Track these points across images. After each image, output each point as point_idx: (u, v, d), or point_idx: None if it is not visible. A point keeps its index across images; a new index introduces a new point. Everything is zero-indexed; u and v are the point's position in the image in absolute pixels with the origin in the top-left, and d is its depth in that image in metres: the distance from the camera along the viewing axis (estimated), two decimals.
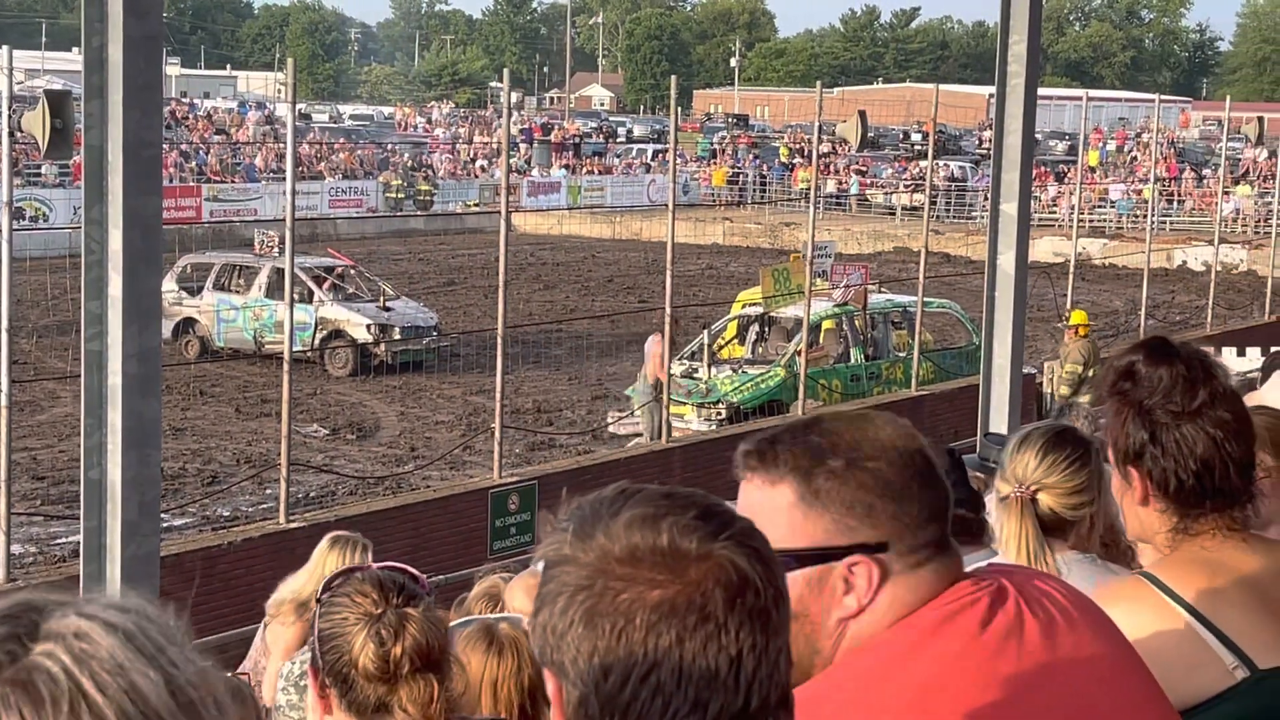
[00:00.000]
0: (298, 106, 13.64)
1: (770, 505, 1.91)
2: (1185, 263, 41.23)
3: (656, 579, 1.44)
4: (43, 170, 40.81)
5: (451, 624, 3.74)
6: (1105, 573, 3.20)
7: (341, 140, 56.29)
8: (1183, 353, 2.60)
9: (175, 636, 1.14)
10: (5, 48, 11.47)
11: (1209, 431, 2.54)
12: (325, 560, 6.14)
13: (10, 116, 11.41)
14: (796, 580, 1.88)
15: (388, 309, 26.40)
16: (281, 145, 47.28)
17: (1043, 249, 37.93)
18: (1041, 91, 8.75)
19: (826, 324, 21.07)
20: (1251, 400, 3.50)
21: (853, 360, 21.13)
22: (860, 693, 1.88)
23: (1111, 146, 64.43)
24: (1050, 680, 1.93)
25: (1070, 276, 25.09)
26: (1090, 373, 18.39)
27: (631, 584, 1.44)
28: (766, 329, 21.97)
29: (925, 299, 21.03)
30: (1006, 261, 7.13)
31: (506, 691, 3.46)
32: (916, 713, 1.85)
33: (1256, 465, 2.64)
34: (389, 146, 56.61)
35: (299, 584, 6.33)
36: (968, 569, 2.02)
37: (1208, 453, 2.55)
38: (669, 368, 17.66)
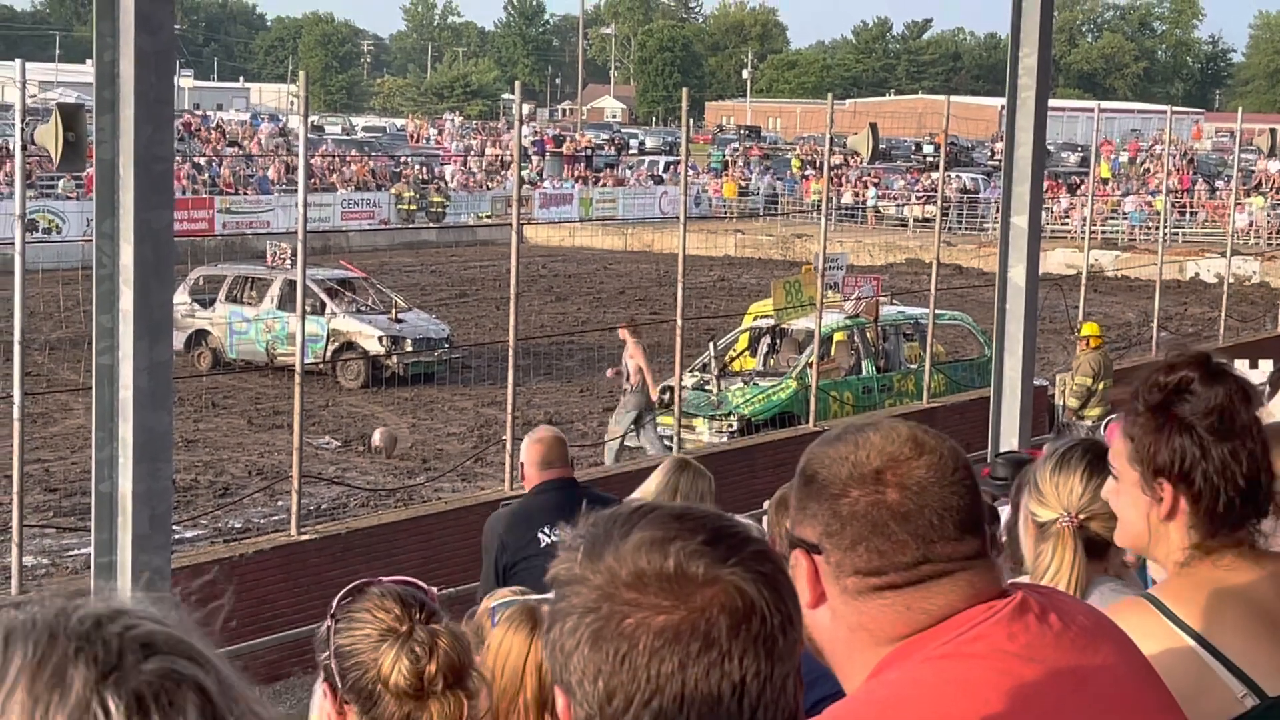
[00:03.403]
0: (310, 118, 13.67)
1: None
2: (1198, 274, 41.15)
3: (661, 604, 1.44)
4: (58, 184, 40.90)
5: (493, 604, 3.70)
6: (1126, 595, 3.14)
7: (354, 152, 56.38)
8: (1232, 375, 2.60)
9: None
10: (19, 62, 11.47)
11: (1251, 451, 2.54)
12: (676, 480, 6.42)
13: (24, 129, 11.43)
14: None
15: (399, 321, 26.42)
16: (294, 157, 47.37)
17: (1055, 260, 37.87)
18: (1053, 103, 8.74)
19: (838, 336, 21.03)
20: (1260, 415, 3.46)
21: (864, 372, 21.10)
22: (883, 714, 1.86)
23: (1124, 158, 64.36)
24: (1074, 697, 1.91)
25: (1082, 288, 25.02)
26: (1100, 385, 18.30)
27: (637, 609, 1.44)
28: (778, 341, 21.94)
29: (937, 311, 20.97)
30: (1017, 274, 7.11)
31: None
32: None
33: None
34: (401, 158, 56.68)
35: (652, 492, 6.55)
36: None
37: (1252, 473, 2.54)
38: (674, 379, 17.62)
